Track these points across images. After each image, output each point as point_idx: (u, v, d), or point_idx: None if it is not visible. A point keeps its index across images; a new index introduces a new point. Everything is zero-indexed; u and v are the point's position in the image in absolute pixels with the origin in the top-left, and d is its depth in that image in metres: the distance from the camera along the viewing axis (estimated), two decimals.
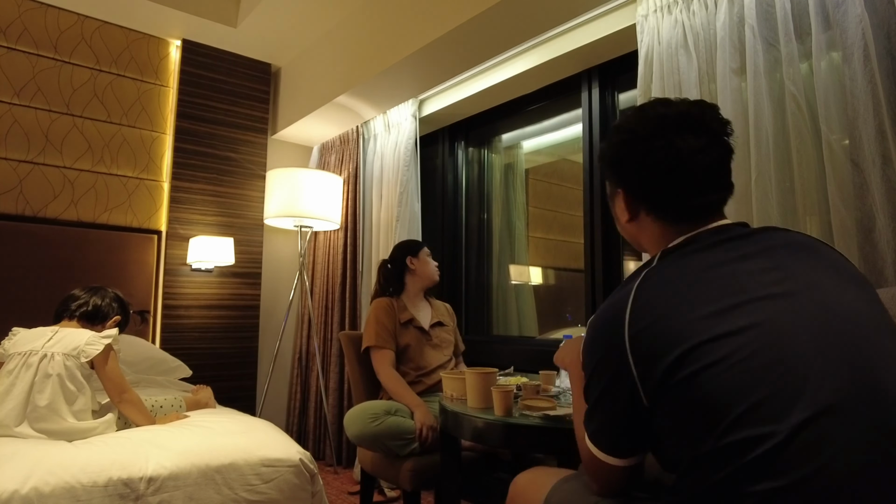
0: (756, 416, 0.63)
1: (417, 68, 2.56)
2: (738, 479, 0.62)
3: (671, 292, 0.73)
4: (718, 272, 0.73)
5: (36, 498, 1.23)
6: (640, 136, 0.84)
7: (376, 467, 1.87)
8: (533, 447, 1.29)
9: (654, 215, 0.85)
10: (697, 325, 0.68)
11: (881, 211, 1.31)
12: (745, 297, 0.69)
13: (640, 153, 0.83)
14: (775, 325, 0.67)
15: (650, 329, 0.71)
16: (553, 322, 2.79)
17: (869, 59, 1.34)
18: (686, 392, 0.67)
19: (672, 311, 0.71)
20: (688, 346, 0.67)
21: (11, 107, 2.69)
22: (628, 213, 0.89)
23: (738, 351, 0.65)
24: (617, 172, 0.89)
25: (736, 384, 0.64)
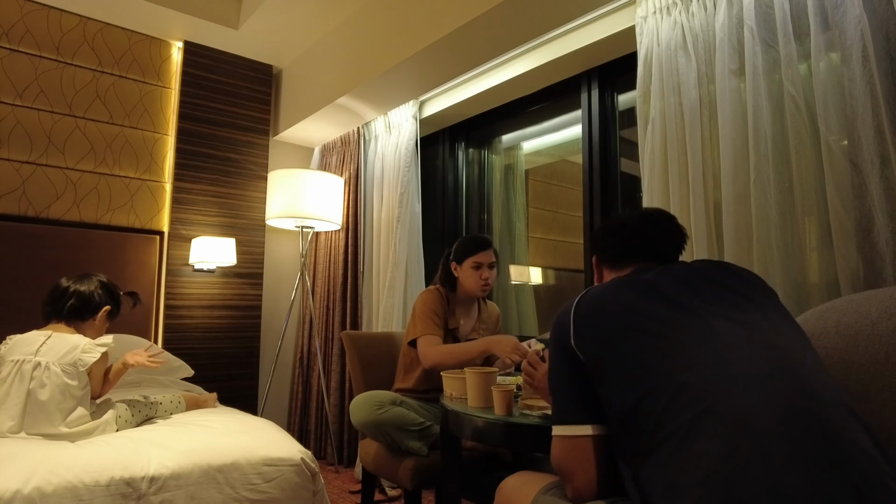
0: (676, 365, 0.79)
1: (418, 70, 2.57)
2: (667, 417, 0.75)
3: (609, 290, 0.96)
4: (642, 282, 0.94)
5: (38, 498, 1.24)
6: (608, 221, 1.19)
7: (378, 466, 1.88)
8: (533, 446, 1.30)
9: (607, 266, 1.15)
10: (624, 311, 0.89)
11: (880, 211, 1.31)
12: (661, 295, 0.90)
13: (604, 227, 1.18)
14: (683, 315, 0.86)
15: (591, 314, 0.93)
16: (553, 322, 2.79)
17: (868, 60, 1.35)
18: (614, 358, 0.86)
19: (606, 300, 0.93)
20: (614, 319, 0.89)
21: (14, 108, 2.70)
22: (597, 273, 1.19)
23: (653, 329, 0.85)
24: (592, 244, 1.23)
25: (648, 357, 0.83)
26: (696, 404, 0.74)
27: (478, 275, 1.96)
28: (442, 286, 2.05)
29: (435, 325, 1.92)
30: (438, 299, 1.99)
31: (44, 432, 1.50)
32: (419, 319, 1.94)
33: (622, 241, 1.12)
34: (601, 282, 1.13)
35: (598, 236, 1.19)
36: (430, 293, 2.01)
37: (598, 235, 1.19)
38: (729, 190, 1.62)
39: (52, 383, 1.51)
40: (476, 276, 1.96)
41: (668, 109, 1.79)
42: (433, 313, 1.94)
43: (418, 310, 1.97)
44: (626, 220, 1.14)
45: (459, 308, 2.06)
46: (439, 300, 1.99)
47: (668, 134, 1.78)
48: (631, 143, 2.31)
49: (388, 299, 2.84)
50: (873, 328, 1.01)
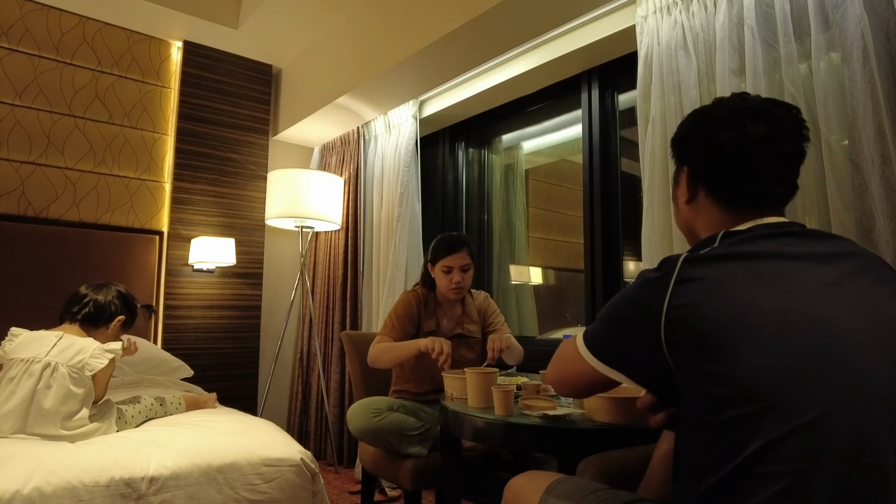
0: (780, 391, 0.63)
1: (418, 69, 2.57)
2: (756, 457, 0.61)
3: (724, 273, 0.72)
4: (773, 261, 0.72)
5: (38, 498, 1.24)
6: (713, 118, 0.85)
7: (377, 466, 1.87)
8: (533, 447, 1.30)
9: (713, 198, 0.85)
10: (744, 298, 0.68)
11: (880, 211, 1.31)
12: (794, 283, 0.69)
13: (709, 132, 0.84)
14: (821, 312, 0.67)
15: (697, 289, 0.70)
16: (553, 322, 2.80)
17: (868, 60, 1.35)
18: (710, 357, 0.67)
19: (722, 281, 0.70)
20: (730, 315, 0.67)
21: (13, 108, 2.70)
22: (688, 192, 0.89)
23: (780, 329, 0.65)
24: (682, 150, 0.91)
25: (762, 360, 0.64)
26: (817, 449, 0.60)
27: (448, 278, 1.89)
28: (422, 286, 2.03)
29: (395, 328, 1.91)
30: (412, 302, 1.96)
31: (44, 432, 1.49)
32: (386, 320, 1.96)
33: (747, 176, 0.81)
34: (693, 207, 0.88)
35: (698, 143, 0.86)
36: (406, 296, 2.00)
37: (698, 141, 0.86)
38: None
39: (58, 384, 1.51)
40: (447, 279, 1.90)
41: (669, 109, 1.79)
42: (401, 316, 1.93)
43: (391, 310, 1.99)
44: (750, 137, 0.80)
45: (441, 308, 2.01)
46: (413, 303, 1.96)
47: (669, 133, 1.78)
48: (631, 143, 2.31)
49: (388, 299, 2.84)
50: None
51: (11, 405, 1.49)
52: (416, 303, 1.97)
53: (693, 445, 0.69)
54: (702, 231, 0.89)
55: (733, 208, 0.83)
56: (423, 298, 1.99)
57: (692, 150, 0.88)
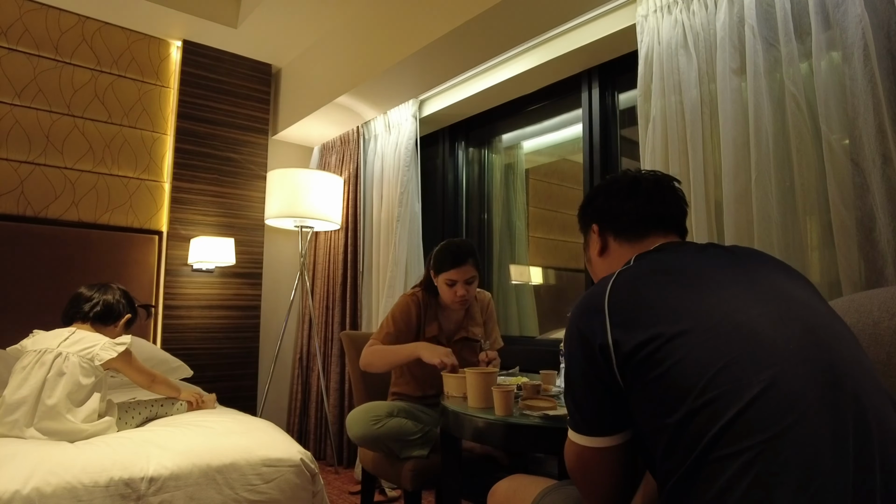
0: (720, 380, 0.66)
1: (418, 69, 2.57)
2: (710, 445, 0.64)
3: (650, 272, 0.81)
4: (688, 264, 0.81)
5: (37, 498, 1.23)
6: (611, 183, 1.02)
7: (377, 467, 1.87)
8: (533, 447, 1.29)
9: (622, 238, 0.97)
10: (671, 301, 0.74)
11: (881, 210, 1.31)
12: (710, 281, 0.76)
13: (608, 189, 1.01)
14: (737, 305, 0.73)
15: (630, 298, 0.77)
16: (553, 322, 2.80)
17: (869, 59, 1.34)
18: (654, 365, 0.71)
19: (649, 286, 0.78)
20: (659, 321, 0.72)
21: (12, 107, 2.69)
22: (600, 244, 1.01)
23: (701, 326, 0.71)
24: (588, 211, 1.04)
25: (700, 356, 0.69)
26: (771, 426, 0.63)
27: (452, 292, 1.83)
28: (423, 290, 1.96)
29: (389, 334, 1.86)
30: (411, 309, 1.90)
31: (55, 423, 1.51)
32: (382, 324, 1.92)
33: (640, 206, 0.94)
34: (606, 257, 0.99)
35: (602, 201, 1.00)
36: (405, 300, 1.93)
37: (602, 200, 1.00)
38: (730, 189, 1.61)
39: (70, 373, 1.55)
40: (451, 292, 1.84)
41: (669, 108, 1.78)
42: (398, 323, 1.88)
43: (388, 314, 1.93)
44: (637, 181, 0.97)
45: (443, 312, 1.96)
46: (412, 310, 1.90)
47: (669, 133, 1.78)
48: (632, 142, 2.31)
49: (387, 299, 2.83)
50: (875, 328, 1.01)
51: (24, 392, 1.52)
52: (415, 309, 1.91)
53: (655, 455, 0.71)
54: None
55: (639, 238, 0.94)
56: (424, 303, 1.94)
57: (597, 208, 1.01)
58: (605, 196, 1.00)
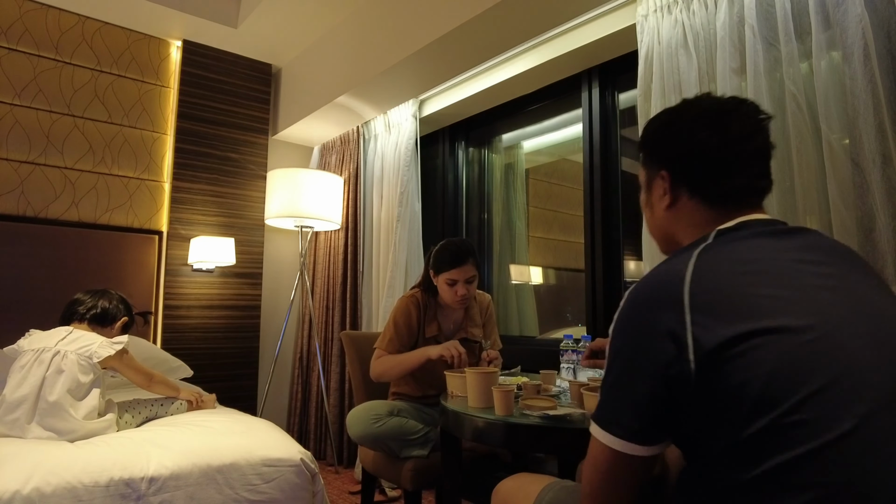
0: (814, 404, 0.59)
1: (418, 68, 2.57)
2: (784, 470, 0.58)
3: (736, 263, 0.70)
4: (778, 259, 0.70)
5: (38, 498, 1.23)
6: (687, 118, 0.84)
7: (377, 467, 1.87)
8: (533, 447, 1.29)
9: (699, 198, 0.82)
10: (763, 301, 0.65)
11: (882, 210, 1.31)
12: (804, 285, 0.67)
13: (687, 133, 0.83)
14: (833, 317, 0.65)
15: (714, 290, 0.67)
16: (553, 322, 2.79)
17: (869, 59, 1.34)
18: (740, 366, 0.62)
19: (737, 281, 0.67)
20: (752, 318, 0.64)
21: (13, 107, 2.69)
22: (670, 197, 0.85)
23: (799, 336, 0.63)
24: (660, 154, 0.87)
25: (796, 367, 0.61)
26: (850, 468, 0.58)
27: (453, 291, 1.83)
28: (422, 291, 1.95)
29: (396, 340, 1.87)
30: (411, 311, 1.89)
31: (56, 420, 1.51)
32: (385, 331, 1.91)
33: (735, 170, 0.80)
34: (676, 212, 0.85)
35: (685, 147, 0.83)
36: (405, 303, 1.92)
37: (684, 145, 0.83)
38: None
39: (68, 369, 1.57)
40: (451, 292, 1.83)
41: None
42: (400, 327, 1.87)
43: (389, 320, 1.92)
44: (730, 131, 0.80)
45: (443, 312, 1.96)
46: (412, 312, 1.89)
47: None
48: (632, 142, 2.31)
49: (387, 299, 2.83)
50: None
51: (24, 391, 1.53)
52: (415, 311, 1.91)
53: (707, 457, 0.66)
54: (685, 236, 0.85)
55: (720, 207, 0.81)
56: (423, 304, 1.93)
57: (670, 153, 0.85)
58: (684, 142, 0.83)
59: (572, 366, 1.68)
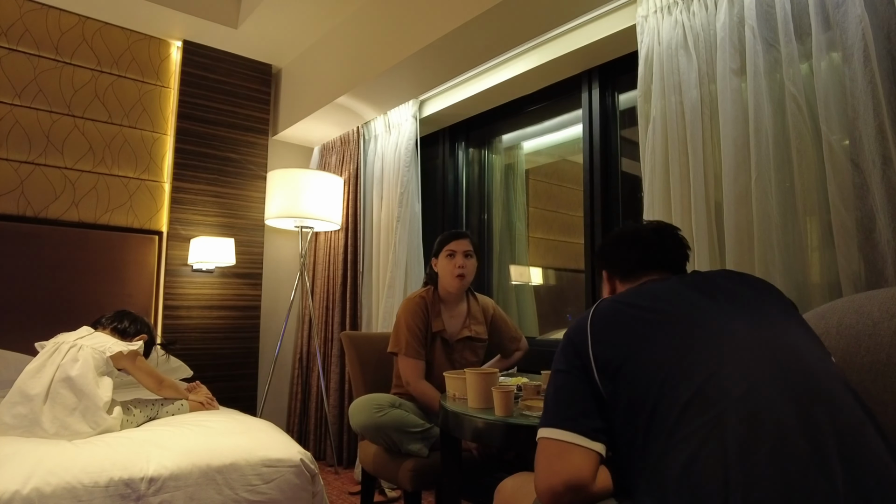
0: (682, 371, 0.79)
1: (418, 69, 2.57)
2: (687, 417, 0.74)
3: (625, 303, 0.93)
4: (658, 291, 0.94)
5: (37, 498, 1.23)
6: (615, 234, 1.18)
7: (377, 467, 1.87)
8: (533, 447, 1.29)
9: (625, 281, 1.11)
10: (636, 326, 0.87)
11: (881, 211, 1.31)
12: (680, 299, 0.90)
13: (615, 241, 1.16)
14: (698, 313, 0.86)
15: (608, 327, 0.90)
16: (553, 322, 2.80)
17: (869, 60, 1.34)
18: (623, 375, 0.83)
19: (625, 306, 0.92)
20: (632, 340, 0.86)
21: (13, 108, 2.69)
22: (609, 286, 1.15)
23: (671, 345, 0.83)
24: (600, 260, 1.19)
25: (659, 358, 0.81)
26: (716, 404, 0.73)
27: (452, 263, 1.94)
28: (427, 286, 2.04)
29: (417, 344, 1.89)
30: (419, 311, 1.94)
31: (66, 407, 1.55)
32: (402, 334, 1.92)
33: (638, 252, 1.10)
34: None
35: (609, 251, 1.17)
36: (411, 303, 1.97)
37: (609, 250, 1.17)
38: (730, 190, 1.61)
39: (83, 360, 1.64)
40: (451, 264, 1.94)
41: (669, 109, 1.78)
42: (413, 329, 1.91)
43: (400, 322, 1.94)
44: (638, 232, 1.13)
45: (445, 308, 2.01)
46: (420, 311, 1.94)
47: (669, 133, 1.78)
48: (632, 143, 2.31)
49: (387, 299, 2.83)
50: (875, 329, 1.01)
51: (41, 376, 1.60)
52: (422, 310, 1.95)
53: (630, 455, 0.82)
54: None
55: (634, 278, 1.09)
56: (430, 302, 1.98)
57: (605, 257, 1.17)
58: (611, 247, 1.16)
59: None
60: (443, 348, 1.98)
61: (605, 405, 0.85)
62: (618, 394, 0.83)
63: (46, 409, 1.54)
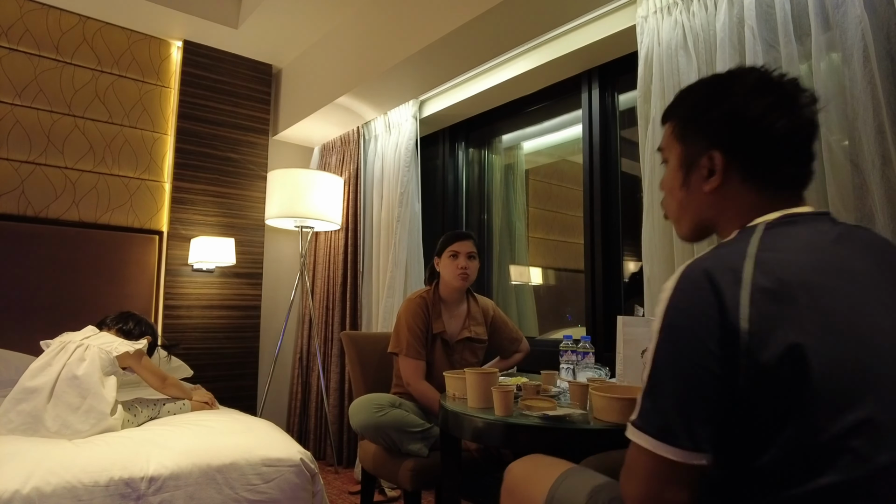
0: (864, 431, 0.57)
1: (418, 69, 2.57)
2: (833, 492, 0.56)
3: (798, 255, 0.65)
4: (830, 256, 0.67)
5: (37, 498, 1.23)
6: (742, 81, 0.76)
7: (377, 467, 1.87)
8: (532, 447, 1.29)
9: (752, 183, 0.75)
10: (825, 299, 0.62)
11: (881, 212, 1.31)
12: (858, 285, 0.65)
13: (749, 100, 0.74)
14: (884, 334, 0.62)
15: (779, 285, 0.62)
16: (553, 322, 2.80)
17: (868, 60, 1.35)
18: (804, 368, 0.58)
19: (802, 275, 0.63)
20: (818, 318, 0.60)
21: (13, 107, 2.70)
22: (720, 178, 0.77)
23: (851, 350, 0.60)
24: (712, 131, 0.78)
25: (847, 384, 0.59)
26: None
27: (455, 264, 1.95)
28: (428, 286, 2.05)
29: (418, 344, 1.90)
30: (419, 311, 1.95)
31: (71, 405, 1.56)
32: (402, 335, 1.93)
33: (804, 157, 0.75)
34: (718, 195, 0.78)
35: (748, 119, 0.74)
36: (412, 303, 1.98)
37: (747, 117, 0.74)
38: None
39: (90, 359, 1.66)
40: (454, 264, 1.95)
41: None
42: (414, 329, 1.92)
43: (401, 322, 1.95)
44: (798, 101, 0.74)
45: (446, 309, 2.02)
46: (420, 311, 1.95)
47: None
48: (631, 143, 2.31)
49: (387, 299, 2.83)
50: None
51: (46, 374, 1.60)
52: (422, 310, 1.97)
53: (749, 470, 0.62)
54: (726, 223, 0.79)
55: (774, 195, 0.74)
56: (431, 302, 1.99)
57: (729, 131, 0.76)
58: (754, 125, 0.73)
59: (572, 366, 1.68)
60: (443, 349, 1.98)
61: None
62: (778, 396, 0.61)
63: (50, 406, 1.55)
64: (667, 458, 0.63)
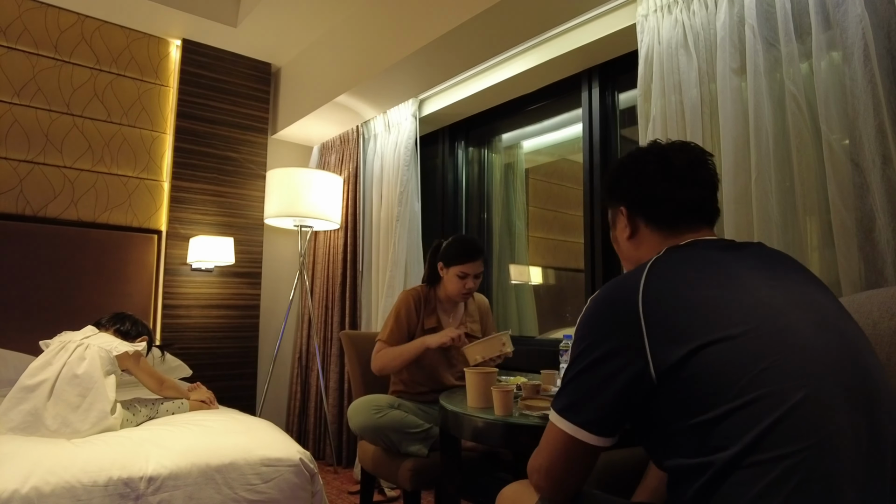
0: (761, 382, 0.67)
1: (417, 68, 2.56)
2: (749, 447, 0.64)
3: (685, 271, 0.79)
4: (721, 265, 0.80)
5: (36, 497, 1.23)
6: (640, 160, 0.97)
7: (376, 466, 1.87)
8: (533, 447, 1.29)
9: (653, 225, 0.94)
10: (712, 302, 0.74)
11: (881, 211, 1.31)
12: (747, 285, 0.76)
13: (636, 170, 0.96)
14: (775, 311, 0.73)
15: (666, 299, 0.75)
16: (553, 322, 2.79)
17: (869, 59, 1.34)
18: (691, 366, 0.70)
19: (687, 287, 0.76)
20: (697, 328, 0.72)
21: (11, 106, 2.69)
22: (629, 229, 0.97)
23: (741, 328, 0.71)
24: (616, 192, 1.00)
25: (740, 357, 0.69)
26: (813, 434, 0.64)
27: (462, 284, 1.91)
28: (424, 284, 2.05)
29: (396, 331, 1.93)
30: (410, 303, 1.97)
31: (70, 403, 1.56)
32: (386, 323, 1.97)
33: (673, 190, 0.92)
34: (636, 242, 0.96)
35: (628, 180, 0.97)
36: (405, 296, 2.00)
37: (627, 179, 0.97)
38: (730, 189, 1.61)
39: (90, 358, 1.66)
40: (460, 284, 1.91)
41: (669, 108, 1.78)
42: (400, 319, 1.95)
43: (391, 311, 1.99)
44: (666, 160, 0.93)
45: (441, 305, 2.03)
46: (412, 304, 1.97)
47: (669, 133, 1.78)
48: (632, 142, 2.31)
49: (387, 299, 2.83)
50: (874, 328, 1.01)
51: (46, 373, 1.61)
52: (414, 303, 1.99)
53: (676, 455, 0.72)
54: (648, 258, 0.93)
55: (672, 230, 0.92)
56: (423, 297, 2.01)
57: (626, 189, 0.97)
58: (634, 177, 0.96)
59: None
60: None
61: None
62: (680, 384, 0.75)
63: (50, 405, 1.55)
64: (574, 438, 0.80)
